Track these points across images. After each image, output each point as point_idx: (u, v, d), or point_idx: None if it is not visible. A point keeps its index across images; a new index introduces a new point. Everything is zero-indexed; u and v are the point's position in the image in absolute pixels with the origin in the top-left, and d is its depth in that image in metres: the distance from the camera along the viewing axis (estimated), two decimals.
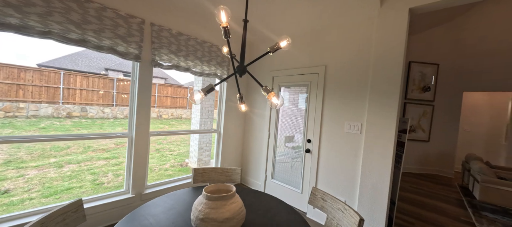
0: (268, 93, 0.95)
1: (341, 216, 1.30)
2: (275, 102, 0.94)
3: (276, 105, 0.94)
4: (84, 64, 12.99)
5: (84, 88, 9.36)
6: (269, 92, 0.94)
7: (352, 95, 2.21)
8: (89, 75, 9.78)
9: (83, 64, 12.89)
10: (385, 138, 1.95)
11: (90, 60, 13.59)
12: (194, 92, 0.94)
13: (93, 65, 13.23)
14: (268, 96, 0.95)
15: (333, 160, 2.35)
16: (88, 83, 9.49)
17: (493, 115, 5.31)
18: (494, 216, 2.95)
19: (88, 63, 13.28)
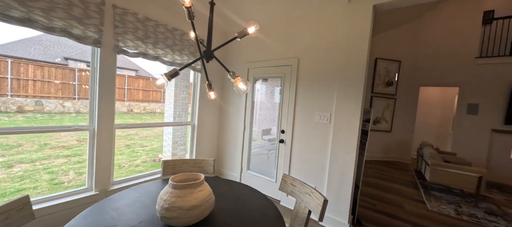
0: (234, 78, 0.94)
1: (309, 199, 1.37)
2: (241, 87, 0.94)
3: (242, 90, 0.94)
4: (38, 51, 11.45)
5: (38, 79, 8.28)
6: (235, 77, 0.94)
7: (322, 86, 2.32)
8: (45, 64, 8.68)
9: (37, 52, 11.35)
10: (351, 127, 2.09)
11: (45, 47, 12.02)
12: (156, 76, 0.89)
13: (49, 53, 11.74)
14: (234, 82, 0.95)
15: (305, 149, 2.45)
16: (43, 74, 8.43)
17: (443, 108, 6.03)
18: (440, 194, 3.39)
19: (43, 50, 11.73)
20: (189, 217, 0.95)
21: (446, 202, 3.12)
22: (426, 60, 5.13)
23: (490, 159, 4.40)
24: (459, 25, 4.78)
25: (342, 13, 2.17)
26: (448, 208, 2.92)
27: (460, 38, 4.76)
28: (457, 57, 4.77)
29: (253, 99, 3.00)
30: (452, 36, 4.85)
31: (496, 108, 4.39)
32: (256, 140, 3.06)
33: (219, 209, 1.17)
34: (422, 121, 6.19)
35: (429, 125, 6.20)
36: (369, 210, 2.71)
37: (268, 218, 1.12)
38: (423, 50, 5.15)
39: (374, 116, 5.32)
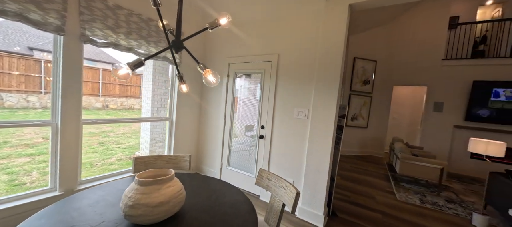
0: (204, 69, 0.91)
1: (283, 193, 1.39)
2: (210, 79, 0.91)
3: (211, 82, 0.91)
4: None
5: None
6: (205, 69, 0.91)
7: (301, 83, 2.36)
8: (4, 54, 7.81)
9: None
10: (327, 122, 2.16)
11: (5, 35, 10.80)
12: (118, 66, 0.83)
13: (10, 42, 10.58)
14: (204, 73, 0.92)
15: (284, 145, 2.49)
16: (2, 64, 7.58)
17: (414, 106, 6.48)
18: (408, 185, 3.66)
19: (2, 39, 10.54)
20: (156, 214, 0.91)
21: (413, 192, 3.37)
22: (399, 61, 5.45)
23: (452, 152, 4.84)
24: (429, 29, 5.14)
25: (320, 12, 2.22)
26: (415, 197, 3.16)
27: (429, 41, 5.12)
28: (426, 59, 5.13)
29: (233, 94, 2.97)
30: (422, 38, 5.21)
31: (458, 106, 4.82)
32: (239, 136, 3.04)
33: (191, 205, 1.15)
34: (395, 118, 6.61)
35: (401, 121, 6.64)
36: (343, 201, 2.84)
37: (240, 213, 1.12)
38: (396, 51, 5.47)
39: (351, 113, 5.56)
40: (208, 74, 0.91)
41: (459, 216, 2.71)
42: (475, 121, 4.62)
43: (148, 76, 3.91)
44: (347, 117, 5.55)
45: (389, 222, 2.41)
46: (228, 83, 2.98)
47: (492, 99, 4.44)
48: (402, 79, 5.44)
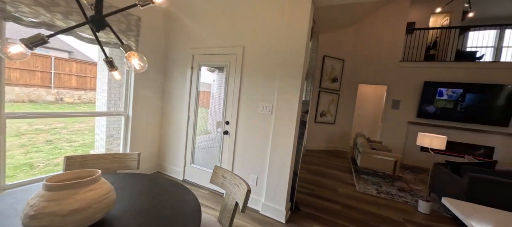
0: (127, 51, 0.78)
1: (237, 190, 1.33)
2: (134, 64, 0.78)
3: (135, 68, 0.79)
4: None
5: None
6: (129, 51, 0.77)
7: (266, 77, 2.31)
8: None
9: None
10: (290, 117, 2.15)
11: None
12: (9, 43, 0.65)
13: None
14: (126, 56, 0.78)
15: (249, 140, 2.43)
16: None
17: (376, 103, 6.99)
18: (367, 177, 3.93)
19: None
20: (69, 224, 0.76)
21: (371, 183, 3.62)
22: (363, 61, 5.79)
23: (406, 146, 5.34)
24: (389, 32, 5.54)
25: (284, 5, 2.18)
26: (372, 188, 3.39)
27: (389, 43, 5.52)
28: (387, 60, 5.54)
29: (198, 88, 2.81)
30: (383, 41, 5.59)
31: (412, 104, 5.32)
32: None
33: (125, 210, 1.01)
34: (360, 115, 7.06)
35: (365, 118, 7.12)
36: (308, 195, 2.91)
37: (182, 215, 1.02)
38: (361, 51, 5.80)
39: (320, 110, 5.77)
40: (133, 57, 0.78)
41: (408, 203, 2.98)
42: (425, 117, 5.15)
43: (103, 66, 3.51)
44: (316, 113, 5.75)
45: (347, 213, 2.54)
46: (192, 75, 2.80)
47: (437, 98, 4.98)
48: (366, 78, 5.81)
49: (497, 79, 4.57)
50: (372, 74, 5.72)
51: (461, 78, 4.84)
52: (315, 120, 5.77)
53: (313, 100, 5.63)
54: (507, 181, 2.25)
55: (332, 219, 2.36)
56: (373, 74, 5.71)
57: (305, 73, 2.20)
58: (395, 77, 5.47)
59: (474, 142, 4.79)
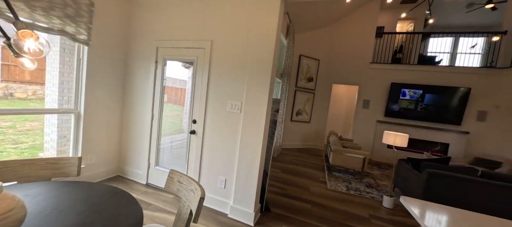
0: (19, 29, 0.59)
1: (192, 197, 1.19)
2: (30, 47, 0.61)
3: (29, 53, 0.61)
4: None
5: None
6: (20, 29, 0.59)
7: (235, 74, 2.19)
8: None
9: None
10: (259, 116, 2.06)
11: None
12: None
13: None
14: (19, 36, 0.60)
15: (217, 140, 2.30)
16: None
17: (348, 103, 7.30)
18: (339, 174, 4.04)
19: None
20: None
21: (341, 180, 3.73)
22: (337, 61, 5.98)
23: (374, 143, 5.64)
24: (361, 35, 5.78)
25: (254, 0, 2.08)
26: (342, 185, 3.48)
27: (361, 46, 5.77)
28: (358, 61, 5.78)
29: (163, 83, 2.59)
30: (356, 43, 5.83)
31: (380, 104, 5.63)
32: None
33: None
34: (334, 114, 7.32)
35: (338, 116, 7.40)
36: (280, 195, 2.87)
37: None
38: (335, 52, 5.98)
39: (296, 109, 5.83)
40: (28, 38, 0.60)
41: (374, 199, 3.10)
42: (391, 116, 5.49)
43: (54, 57, 3.09)
44: (292, 112, 5.79)
45: (317, 212, 2.54)
46: (156, 70, 2.57)
47: (401, 98, 5.34)
48: (340, 78, 6.01)
49: (452, 82, 5.03)
50: (345, 75, 5.93)
51: (422, 80, 5.24)
52: (291, 119, 5.82)
53: (290, 99, 5.66)
54: (459, 176, 2.44)
55: (302, 219, 2.34)
56: (346, 75, 5.92)
57: (275, 70, 2.13)
58: (365, 78, 5.74)
59: (432, 139, 5.23)
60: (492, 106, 4.80)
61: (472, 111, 4.92)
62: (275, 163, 4.31)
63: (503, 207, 2.29)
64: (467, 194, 2.42)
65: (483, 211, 2.40)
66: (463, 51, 7.16)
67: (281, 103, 4.83)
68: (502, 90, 4.66)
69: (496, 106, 4.74)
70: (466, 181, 2.42)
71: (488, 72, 4.81)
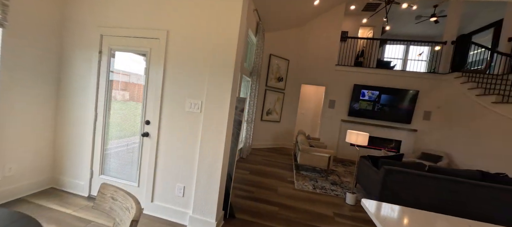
0: None
1: (127, 217, 0.96)
2: None
3: None
4: None
5: None
6: None
7: (194, 70, 1.97)
8: None
9: None
10: (221, 116, 1.88)
11: None
12: None
13: None
14: None
15: (174, 143, 2.05)
16: None
17: (316, 102, 7.58)
18: (306, 173, 4.10)
19: None
20: None
21: (309, 179, 3.78)
22: (306, 62, 6.13)
23: (339, 141, 5.94)
24: (327, 38, 6.02)
25: None
26: (309, 184, 3.52)
27: (327, 48, 6.01)
28: (325, 63, 6.01)
29: (109, 77, 2.21)
30: (323, 45, 6.04)
31: (344, 104, 5.94)
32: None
33: None
34: (303, 113, 7.52)
35: (307, 116, 7.64)
36: (246, 199, 2.74)
37: None
38: (304, 53, 6.12)
39: (266, 108, 5.79)
40: None
41: (338, 196, 3.20)
42: (353, 116, 5.85)
43: None
44: (263, 112, 5.73)
45: (284, 214, 2.48)
46: (101, 62, 2.19)
47: (361, 98, 5.73)
48: (308, 79, 6.17)
49: (404, 85, 5.57)
50: (313, 75, 6.12)
51: (380, 82, 5.70)
52: (262, 119, 5.76)
53: (260, 98, 5.59)
54: (411, 171, 2.64)
55: (268, 223, 2.24)
56: (314, 76, 6.11)
57: (239, 66, 1.98)
58: (331, 79, 6.00)
59: (388, 137, 5.73)
60: (435, 107, 5.46)
61: (420, 111, 5.53)
62: (244, 164, 4.17)
63: (447, 197, 2.55)
64: (418, 187, 2.64)
65: (430, 201, 2.65)
66: (412, 58, 8.07)
67: (251, 102, 4.72)
68: (442, 92, 5.34)
69: (438, 107, 5.41)
70: (416, 176, 2.63)
71: (432, 77, 5.47)
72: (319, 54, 6.05)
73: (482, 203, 2.49)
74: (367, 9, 6.63)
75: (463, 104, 4.76)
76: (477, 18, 6.63)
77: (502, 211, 2.46)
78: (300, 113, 7.09)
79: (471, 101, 4.55)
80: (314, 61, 6.08)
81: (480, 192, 2.49)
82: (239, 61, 1.95)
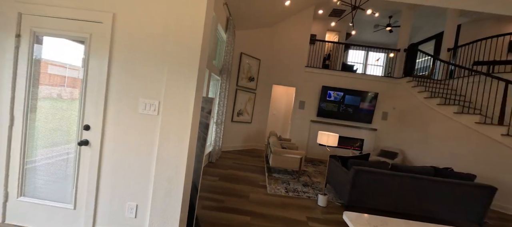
0: None
1: None
2: None
3: None
4: None
5: None
6: None
7: (150, 64, 1.63)
8: None
9: None
10: (184, 119, 1.59)
11: None
12: None
13: None
14: None
15: (123, 153, 1.67)
16: None
17: (287, 103, 7.66)
18: (278, 175, 4.01)
19: None
20: None
21: (281, 181, 3.68)
22: (277, 62, 6.10)
23: (309, 141, 6.07)
24: (297, 39, 6.10)
25: None
26: (281, 187, 3.42)
27: (297, 50, 6.09)
28: (295, 64, 6.08)
29: (32, 68, 1.70)
30: (293, 46, 6.10)
31: (313, 105, 6.10)
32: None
33: None
34: (274, 114, 7.52)
35: (278, 117, 7.67)
36: (216, 210, 2.47)
37: None
38: (276, 53, 6.08)
39: (237, 109, 5.56)
40: None
41: (310, 198, 3.17)
42: (322, 116, 6.04)
43: None
44: (233, 112, 5.48)
45: (256, 224, 2.30)
46: (19, 49, 1.67)
47: (327, 99, 5.97)
48: (279, 79, 6.15)
49: (365, 87, 5.98)
50: (284, 76, 6.12)
51: (345, 84, 6.01)
52: (232, 120, 5.50)
53: (230, 98, 5.33)
54: (378, 171, 2.74)
55: None
56: (285, 76, 6.12)
57: (205, 62, 1.72)
58: (301, 80, 6.09)
59: (353, 136, 6.08)
60: (391, 108, 6.00)
61: (379, 111, 6.00)
62: (213, 169, 3.86)
63: (408, 192, 2.72)
64: (383, 185, 2.75)
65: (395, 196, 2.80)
66: (371, 63, 8.81)
67: (221, 102, 4.43)
68: (396, 95, 5.89)
69: (393, 107, 5.96)
70: (382, 174, 2.74)
71: (389, 81, 5.99)
72: (290, 55, 6.09)
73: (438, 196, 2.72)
74: (333, 15, 6.96)
75: (414, 105, 5.32)
76: (422, 30, 7.59)
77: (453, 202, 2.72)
78: (271, 113, 7.06)
79: (420, 103, 5.11)
80: (285, 62, 6.09)
81: (435, 187, 2.71)
82: (205, 55, 1.69)
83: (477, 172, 3.71)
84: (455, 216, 2.75)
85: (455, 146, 4.22)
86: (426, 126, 4.89)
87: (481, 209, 2.70)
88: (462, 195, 2.71)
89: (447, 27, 5.69)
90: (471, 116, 4.08)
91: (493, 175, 3.62)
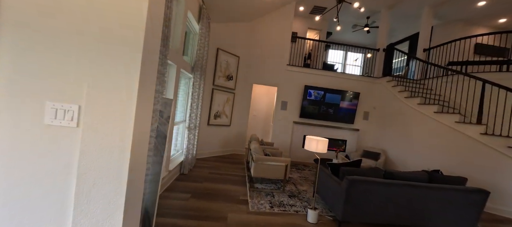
0: None
1: None
2: None
3: None
4: None
5: None
6: None
7: (62, 46, 1.04)
8: None
9: None
10: (123, 132, 1.04)
11: None
12: None
13: None
14: None
15: (18, 185, 1.04)
16: None
17: (268, 104, 7.27)
18: (261, 185, 3.56)
19: None
20: None
21: (264, 194, 3.24)
22: (257, 60, 5.66)
23: (292, 144, 5.74)
24: (279, 36, 5.73)
25: None
26: (265, 201, 2.98)
27: (279, 48, 5.72)
28: (276, 62, 5.71)
29: None
30: (274, 44, 5.72)
31: (296, 105, 5.79)
32: None
33: None
34: (255, 115, 7.07)
35: (258, 118, 7.24)
36: None
37: None
38: (255, 51, 5.64)
39: (214, 110, 4.99)
40: None
41: (298, 213, 2.77)
42: (305, 117, 5.76)
43: None
44: (210, 115, 4.89)
45: None
46: None
47: (307, 98, 5.70)
48: (260, 78, 5.72)
49: (346, 87, 5.85)
50: (265, 75, 5.71)
51: (326, 84, 5.81)
52: (209, 123, 4.91)
53: (206, 99, 4.74)
54: (373, 180, 2.43)
55: None
56: (266, 75, 5.72)
57: (157, 46, 1.18)
58: (283, 80, 5.74)
59: (336, 137, 5.89)
60: (371, 108, 5.96)
61: (360, 111, 5.91)
62: (185, 183, 3.26)
63: (404, 201, 2.46)
64: (378, 196, 2.46)
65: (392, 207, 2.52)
66: (350, 63, 8.87)
67: (194, 104, 3.83)
68: (376, 95, 5.86)
69: (374, 107, 5.92)
70: (377, 184, 2.45)
71: (369, 80, 5.94)
72: (271, 53, 5.69)
73: (433, 203, 2.51)
74: (314, 12, 6.75)
75: (395, 105, 5.29)
76: (396, 32, 7.79)
77: (448, 208, 2.53)
78: (252, 115, 6.60)
79: (401, 103, 5.08)
80: (266, 60, 5.68)
81: (431, 194, 2.50)
82: (158, 38, 1.15)
83: (459, 172, 3.68)
84: (449, 222, 2.58)
85: (436, 146, 4.21)
86: (407, 126, 4.86)
87: (474, 213, 2.57)
88: (457, 200, 2.54)
89: (422, 29, 5.80)
90: (451, 116, 4.08)
91: (475, 174, 3.61)
